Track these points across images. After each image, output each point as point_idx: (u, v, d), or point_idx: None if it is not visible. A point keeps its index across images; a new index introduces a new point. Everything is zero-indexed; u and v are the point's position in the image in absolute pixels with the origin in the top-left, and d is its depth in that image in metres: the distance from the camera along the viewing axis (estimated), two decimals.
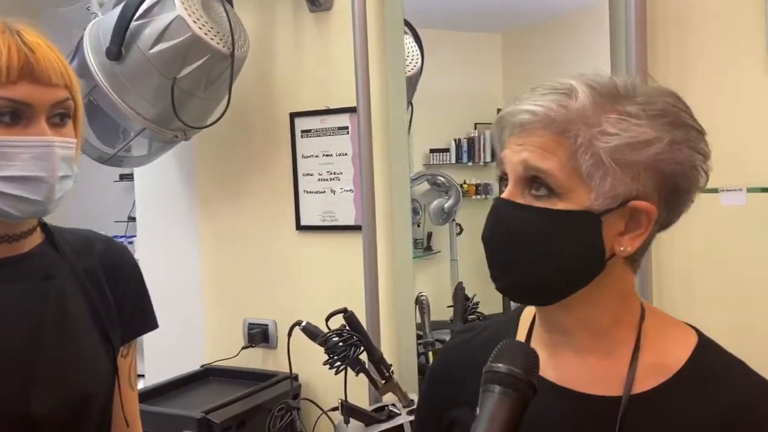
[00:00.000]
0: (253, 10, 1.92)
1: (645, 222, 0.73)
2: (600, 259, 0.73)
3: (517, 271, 0.75)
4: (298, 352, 1.62)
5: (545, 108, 0.71)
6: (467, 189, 3.79)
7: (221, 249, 2.06)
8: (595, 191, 0.71)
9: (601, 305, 0.77)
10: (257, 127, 1.97)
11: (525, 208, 0.73)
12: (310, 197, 1.92)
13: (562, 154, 0.71)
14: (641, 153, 0.70)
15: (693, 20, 1.34)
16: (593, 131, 0.70)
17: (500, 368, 0.68)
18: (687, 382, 0.75)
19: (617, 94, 0.72)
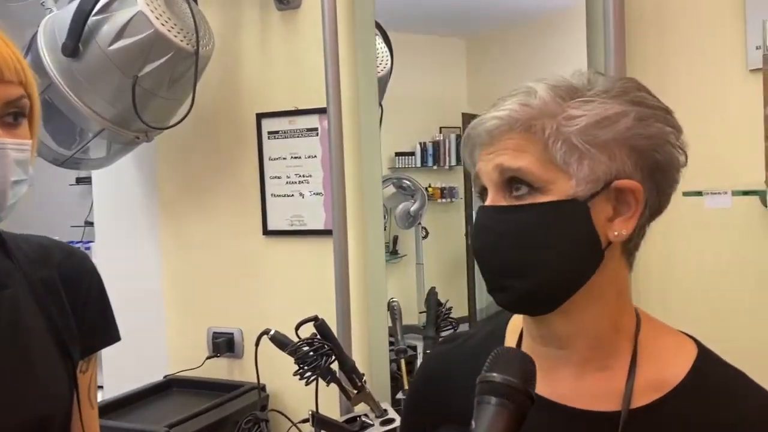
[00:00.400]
0: (219, 7, 1.85)
1: (633, 202, 0.71)
2: (597, 248, 0.71)
3: (516, 277, 0.72)
4: (266, 361, 1.56)
5: (508, 111, 0.71)
6: (433, 192, 3.78)
7: (184, 255, 1.99)
8: (575, 177, 0.69)
9: (600, 308, 0.74)
10: (222, 129, 1.91)
11: (509, 209, 0.72)
12: (277, 201, 1.86)
13: (533, 150, 0.70)
14: (611, 129, 0.69)
15: (671, 21, 1.33)
16: (558, 119, 0.70)
17: (496, 378, 0.64)
18: (687, 397, 0.72)
19: (574, 89, 0.72)
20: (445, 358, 0.91)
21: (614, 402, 0.73)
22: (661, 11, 1.33)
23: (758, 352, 1.19)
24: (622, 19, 1.28)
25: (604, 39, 1.29)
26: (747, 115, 1.22)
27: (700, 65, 1.29)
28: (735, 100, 1.25)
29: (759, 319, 1.26)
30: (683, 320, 0.83)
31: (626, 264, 0.75)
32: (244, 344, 1.91)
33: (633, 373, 0.73)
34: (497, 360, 0.66)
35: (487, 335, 0.89)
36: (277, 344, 1.51)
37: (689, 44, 1.31)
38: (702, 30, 1.29)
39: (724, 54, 1.27)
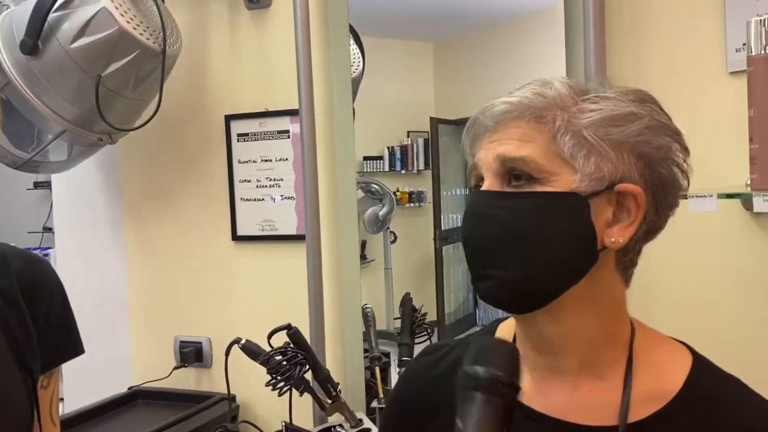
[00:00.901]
0: (186, 5, 1.80)
1: (634, 209, 0.68)
2: (591, 248, 0.68)
3: (505, 267, 0.68)
4: (236, 370, 1.51)
5: (520, 97, 0.69)
6: (401, 197, 3.77)
7: (150, 262, 1.92)
8: (579, 172, 0.67)
9: (593, 316, 0.71)
10: (190, 131, 1.84)
11: (506, 195, 0.69)
12: (247, 205, 1.81)
13: (540, 141, 0.68)
14: (623, 129, 0.67)
15: (651, 24, 1.32)
16: (571, 111, 0.68)
17: (480, 372, 0.60)
18: (685, 408, 0.70)
19: (588, 90, 0.70)
20: (428, 369, 0.87)
21: (611, 416, 0.70)
22: (641, 14, 1.32)
23: (743, 355, 1.18)
24: (602, 22, 1.27)
25: (584, 41, 1.28)
26: (728, 118, 1.22)
27: (681, 68, 1.29)
28: (715, 102, 1.25)
29: (742, 323, 1.26)
30: (666, 324, 0.81)
31: (621, 278, 0.73)
32: (213, 353, 1.85)
33: (629, 385, 0.71)
34: (480, 352, 0.62)
35: (471, 344, 0.86)
36: (249, 354, 1.46)
37: (669, 47, 1.30)
38: (682, 32, 1.29)
39: (704, 56, 1.27)
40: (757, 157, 1.01)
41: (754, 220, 1.23)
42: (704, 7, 1.26)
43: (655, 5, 1.31)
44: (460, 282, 3.77)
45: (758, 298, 1.25)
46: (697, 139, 1.25)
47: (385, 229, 3.15)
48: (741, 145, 1.15)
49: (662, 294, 1.30)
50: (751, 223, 1.23)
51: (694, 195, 1.03)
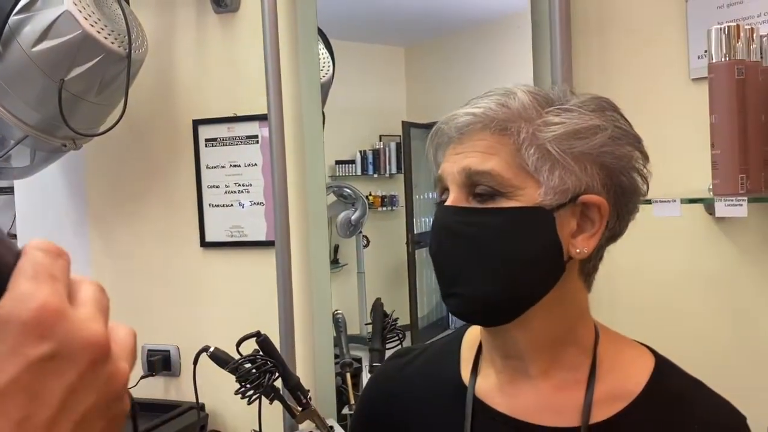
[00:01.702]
0: (152, 8, 1.77)
1: (597, 219, 0.69)
2: (558, 261, 0.69)
3: (474, 284, 0.69)
4: (205, 379, 1.49)
5: (484, 108, 0.69)
6: (373, 201, 3.77)
7: (116, 269, 1.89)
8: (544, 186, 0.67)
9: (558, 323, 0.72)
10: (156, 136, 1.82)
11: (473, 211, 0.69)
12: (215, 211, 1.78)
13: (505, 153, 0.68)
14: (587, 141, 0.67)
15: (615, 31, 1.34)
16: (536, 124, 0.68)
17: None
18: (646, 409, 0.71)
19: (552, 100, 0.70)
20: (397, 373, 0.87)
21: (574, 416, 0.71)
22: (606, 21, 1.34)
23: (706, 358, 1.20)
24: (569, 29, 1.28)
25: (550, 47, 1.29)
26: (691, 124, 1.24)
27: (644, 74, 1.30)
28: (679, 108, 1.27)
29: (706, 326, 1.28)
30: (632, 328, 0.82)
31: (584, 284, 0.74)
32: (182, 362, 1.82)
33: (592, 387, 0.72)
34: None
35: (441, 350, 0.86)
36: (217, 362, 1.44)
37: (634, 53, 1.32)
38: (646, 40, 1.31)
39: (667, 63, 1.28)
40: (718, 163, 1.03)
41: (716, 225, 1.25)
42: (667, 14, 1.28)
43: (620, 13, 1.33)
44: (432, 286, 3.78)
45: (721, 300, 1.27)
46: (660, 145, 1.27)
47: (357, 233, 3.14)
48: (704, 151, 1.17)
49: (627, 297, 1.31)
50: (714, 227, 1.25)
51: (657, 200, 1.04)
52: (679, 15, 1.26)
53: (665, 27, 1.28)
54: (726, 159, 1.01)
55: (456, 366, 0.81)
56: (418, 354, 0.87)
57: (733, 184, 1.01)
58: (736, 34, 1.01)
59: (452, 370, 0.81)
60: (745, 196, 0.96)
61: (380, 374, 0.91)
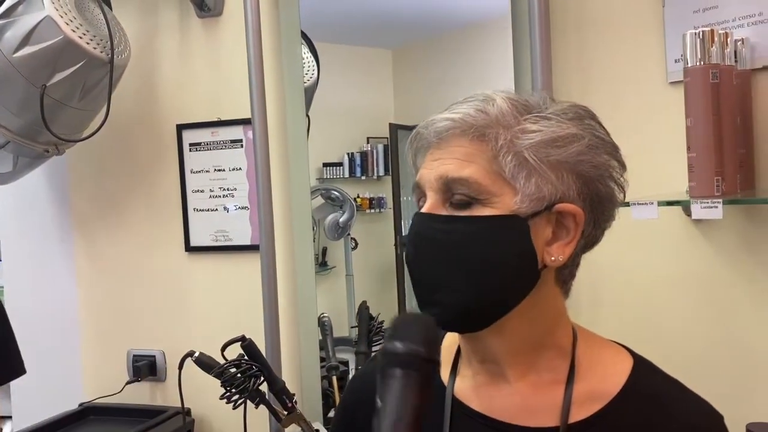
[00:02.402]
0: (135, 13, 1.77)
1: (573, 227, 0.70)
2: (533, 268, 0.69)
3: (449, 293, 0.69)
4: (190, 384, 1.49)
5: (463, 114, 0.69)
6: (361, 203, 3.76)
7: (100, 275, 1.88)
8: (520, 193, 0.67)
9: (535, 329, 0.72)
10: (140, 141, 1.82)
11: (449, 219, 0.69)
12: (200, 216, 1.78)
13: (482, 160, 0.68)
14: (564, 150, 0.68)
15: (593, 35, 1.35)
16: (514, 131, 0.68)
17: (399, 348, 0.58)
18: (625, 408, 0.72)
19: (530, 106, 0.70)
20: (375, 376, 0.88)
21: (553, 417, 0.72)
22: (585, 25, 1.35)
23: (686, 358, 1.21)
24: (548, 30, 1.29)
25: (530, 52, 1.30)
26: (668, 127, 1.25)
27: (623, 78, 1.31)
28: (657, 111, 1.28)
29: (686, 326, 1.29)
30: (613, 329, 0.83)
31: (561, 291, 0.75)
32: (167, 367, 1.82)
33: (570, 388, 0.72)
34: (398, 327, 0.60)
35: None
36: (202, 367, 1.44)
37: (612, 57, 1.33)
38: (623, 43, 1.32)
39: (645, 67, 1.29)
40: (694, 166, 1.04)
41: (695, 226, 1.26)
42: (645, 19, 1.29)
43: (598, 17, 1.34)
44: None
45: (700, 300, 1.28)
46: (639, 148, 1.28)
47: (345, 235, 3.14)
48: (682, 153, 1.18)
49: (609, 298, 1.32)
50: (692, 228, 1.26)
51: (635, 202, 1.06)
52: (656, 19, 1.27)
53: (643, 31, 1.29)
54: (702, 162, 1.02)
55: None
56: None
57: (708, 186, 1.02)
58: (711, 38, 1.02)
59: None
60: (720, 199, 0.97)
61: (358, 378, 0.92)
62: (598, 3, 1.34)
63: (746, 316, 1.24)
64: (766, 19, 1.13)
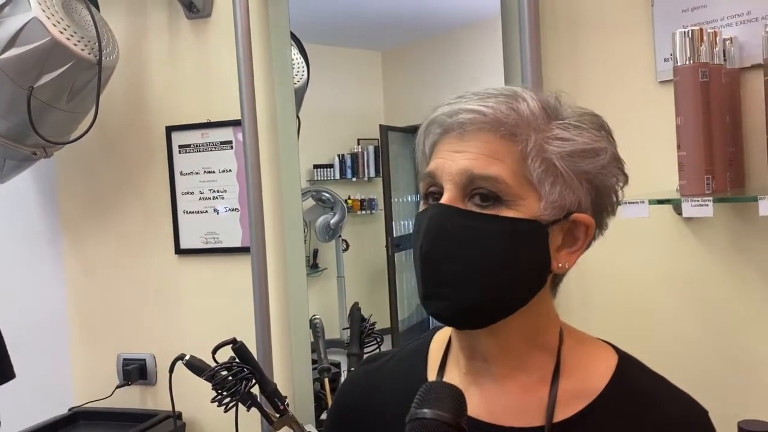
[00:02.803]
0: (123, 14, 1.76)
1: (582, 237, 0.70)
2: (544, 274, 0.69)
3: (460, 288, 0.68)
4: (181, 387, 1.48)
5: (494, 109, 0.66)
6: (352, 204, 3.76)
7: (90, 278, 1.87)
8: (544, 199, 0.66)
9: (526, 327, 0.72)
10: (129, 143, 1.81)
11: (473, 215, 0.67)
12: (190, 218, 1.77)
13: (510, 160, 0.66)
14: (592, 162, 0.67)
15: (583, 35, 1.35)
16: (544, 136, 0.67)
17: (426, 414, 0.60)
18: (610, 405, 0.72)
19: (555, 108, 0.69)
20: (367, 378, 0.87)
21: (538, 416, 0.71)
22: (574, 25, 1.35)
23: (677, 357, 1.21)
24: (538, 32, 1.29)
25: (520, 51, 1.30)
26: (657, 126, 1.25)
27: (612, 77, 1.32)
28: (646, 111, 1.28)
29: (676, 324, 1.29)
30: (602, 329, 0.83)
31: (551, 293, 0.75)
32: (158, 370, 1.81)
33: (555, 387, 0.72)
34: (427, 395, 0.62)
35: (410, 353, 0.86)
36: (193, 370, 1.43)
37: (601, 56, 1.33)
38: (613, 43, 1.32)
39: (634, 66, 1.29)
40: (685, 164, 1.04)
41: (685, 224, 1.26)
42: (634, 18, 1.29)
43: (588, 17, 1.34)
44: (413, 288, 3.77)
45: (690, 298, 1.28)
46: (629, 146, 1.28)
47: (336, 237, 3.14)
48: (671, 152, 1.19)
49: (599, 297, 1.32)
50: (683, 227, 1.27)
51: (626, 201, 1.05)
52: (645, 18, 1.28)
53: (632, 30, 1.29)
54: (692, 160, 1.03)
55: (423, 367, 0.81)
56: (388, 359, 0.87)
57: (699, 184, 1.02)
58: (700, 37, 1.02)
59: (419, 371, 0.81)
60: (710, 197, 0.98)
61: (349, 382, 0.91)
62: (587, 3, 1.34)
63: (736, 314, 1.24)
64: (754, 18, 1.14)
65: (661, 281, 1.29)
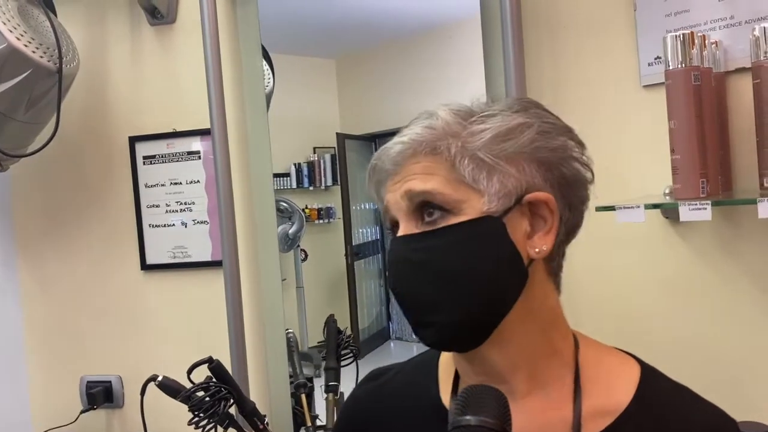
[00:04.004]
0: (81, 21, 1.68)
1: (548, 215, 0.68)
2: (519, 266, 0.67)
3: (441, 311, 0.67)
4: (150, 409, 1.41)
5: (411, 135, 0.69)
6: (310, 213, 3.71)
7: (49, 298, 1.77)
8: (486, 194, 0.66)
9: (534, 333, 0.70)
10: (91, 155, 1.72)
11: (422, 235, 0.68)
12: (156, 232, 1.70)
13: (441, 171, 0.67)
14: (516, 141, 0.67)
15: (565, 38, 1.35)
16: (462, 137, 0.68)
17: (471, 421, 0.57)
18: (636, 421, 0.69)
19: (473, 111, 0.70)
20: (372, 396, 0.84)
21: None
22: (556, 30, 1.35)
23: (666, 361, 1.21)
24: (520, 34, 1.28)
25: (503, 58, 1.28)
26: (642, 130, 1.26)
27: (596, 82, 1.32)
28: (630, 115, 1.28)
29: (665, 329, 1.29)
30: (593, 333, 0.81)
31: (554, 286, 0.73)
32: (125, 392, 1.72)
33: (579, 402, 0.70)
34: (469, 400, 0.59)
35: (415, 368, 0.83)
36: (167, 391, 1.36)
37: (584, 62, 1.33)
38: (596, 48, 1.32)
39: (618, 71, 1.30)
40: (679, 168, 1.04)
41: (672, 228, 1.27)
42: (617, 23, 1.30)
43: (570, 22, 1.34)
44: (373, 297, 3.77)
45: (678, 302, 1.29)
46: (613, 151, 1.29)
47: (295, 247, 3.09)
48: (656, 156, 1.19)
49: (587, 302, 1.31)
50: (670, 230, 1.27)
51: (621, 206, 1.05)
52: (628, 23, 1.28)
53: (615, 35, 1.30)
54: (686, 164, 1.03)
55: (434, 387, 0.78)
56: (393, 376, 0.84)
57: (694, 188, 1.02)
58: (691, 40, 1.03)
59: (430, 391, 0.78)
60: (708, 200, 0.97)
61: (353, 401, 0.87)
62: (570, 8, 1.34)
63: (725, 316, 1.25)
64: (737, 22, 1.15)
65: (649, 285, 1.29)
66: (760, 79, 1.02)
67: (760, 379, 1.22)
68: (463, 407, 0.59)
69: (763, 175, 1.02)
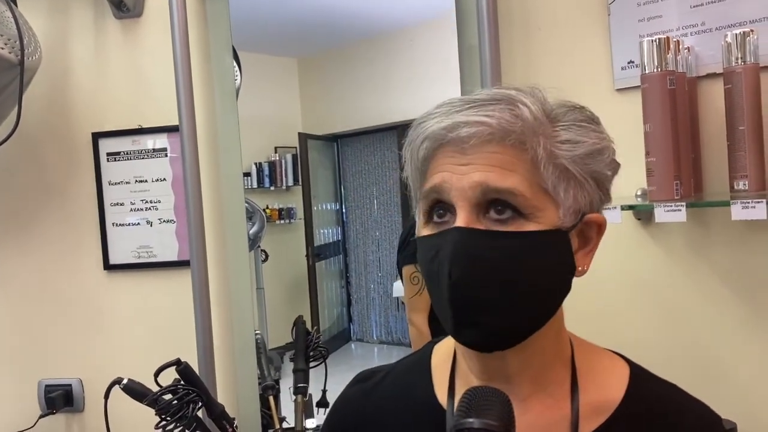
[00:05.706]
0: (44, 12, 1.62)
1: (594, 236, 0.68)
2: (569, 281, 0.67)
3: (497, 313, 0.64)
4: (113, 413, 1.37)
5: (497, 118, 0.62)
6: (270, 214, 3.67)
7: (6, 298, 1.71)
8: (562, 206, 0.64)
9: (547, 340, 0.70)
10: (52, 150, 1.66)
11: (497, 235, 0.63)
12: (120, 231, 1.65)
13: (523, 170, 0.63)
14: (600, 161, 0.66)
15: (538, 47, 1.36)
16: (552, 141, 0.64)
17: (474, 424, 0.56)
18: (630, 417, 0.71)
19: (550, 108, 0.67)
20: (363, 398, 0.82)
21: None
22: (530, 34, 1.36)
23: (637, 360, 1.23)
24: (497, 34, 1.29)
25: (480, 59, 1.29)
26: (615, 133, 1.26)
27: (569, 86, 1.31)
28: (605, 118, 1.29)
29: (638, 330, 1.32)
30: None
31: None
32: (86, 396, 1.67)
33: (576, 402, 0.70)
34: (472, 402, 0.58)
35: (408, 369, 0.82)
36: (133, 395, 1.32)
37: (558, 66, 1.34)
38: (570, 52, 1.33)
39: (591, 75, 1.31)
40: (654, 170, 1.06)
41: (644, 229, 1.29)
42: (591, 28, 1.31)
43: (544, 26, 1.35)
44: (334, 298, 3.75)
45: (651, 303, 1.31)
46: None
47: (256, 247, 3.04)
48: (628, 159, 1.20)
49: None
50: (642, 231, 1.29)
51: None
52: (602, 28, 1.30)
53: (589, 40, 1.31)
54: (661, 166, 1.05)
55: (428, 387, 0.77)
56: (384, 376, 0.82)
57: (668, 190, 1.04)
58: (666, 45, 1.05)
59: (425, 391, 0.77)
60: (682, 202, 0.99)
61: (343, 404, 0.85)
62: (543, 11, 1.35)
63: (697, 317, 1.27)
64: (708, 29, 1.18)
65: (619, 285, 1.31)
66: (731, 84, 1.04)
67: (730, 378, 1.25)
68: (467, 409, 0.57)
69: (734, 178, 1.04)
